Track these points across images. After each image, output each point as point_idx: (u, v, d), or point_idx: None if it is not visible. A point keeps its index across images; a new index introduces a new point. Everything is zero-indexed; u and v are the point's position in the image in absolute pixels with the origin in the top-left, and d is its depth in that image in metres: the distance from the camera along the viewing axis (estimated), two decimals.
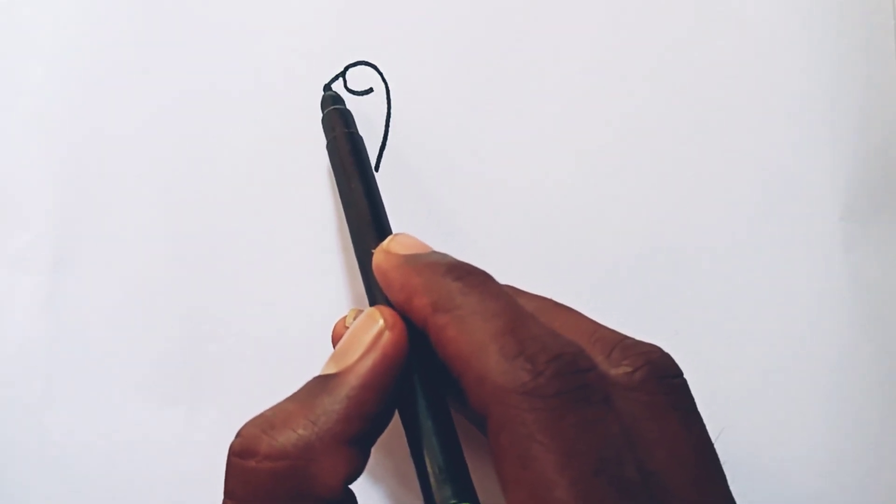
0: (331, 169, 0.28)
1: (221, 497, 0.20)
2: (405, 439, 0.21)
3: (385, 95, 0.31)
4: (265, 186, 0.30)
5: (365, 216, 0.25)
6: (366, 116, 0.31)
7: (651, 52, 0.31)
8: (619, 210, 0.30)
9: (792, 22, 0.31)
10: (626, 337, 0.21)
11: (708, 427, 0.20)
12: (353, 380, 0.20)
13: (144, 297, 0.30)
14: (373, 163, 0.30)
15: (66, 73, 0.31)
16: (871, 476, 0.29)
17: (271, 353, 0.30)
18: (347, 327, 0.23)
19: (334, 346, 0.24)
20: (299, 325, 0.30)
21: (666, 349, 0.21)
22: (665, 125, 0.31)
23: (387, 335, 0.21)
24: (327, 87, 0.31)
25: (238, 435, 0.20)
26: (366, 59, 0.31)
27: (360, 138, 0.28)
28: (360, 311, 0.24)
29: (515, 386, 0.18)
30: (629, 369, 0.19)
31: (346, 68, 0.31)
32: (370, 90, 0.31)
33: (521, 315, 0.20)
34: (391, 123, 0.31)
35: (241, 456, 0.20)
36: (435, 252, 0.23)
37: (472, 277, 0.21)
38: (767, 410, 0.29)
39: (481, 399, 0.18)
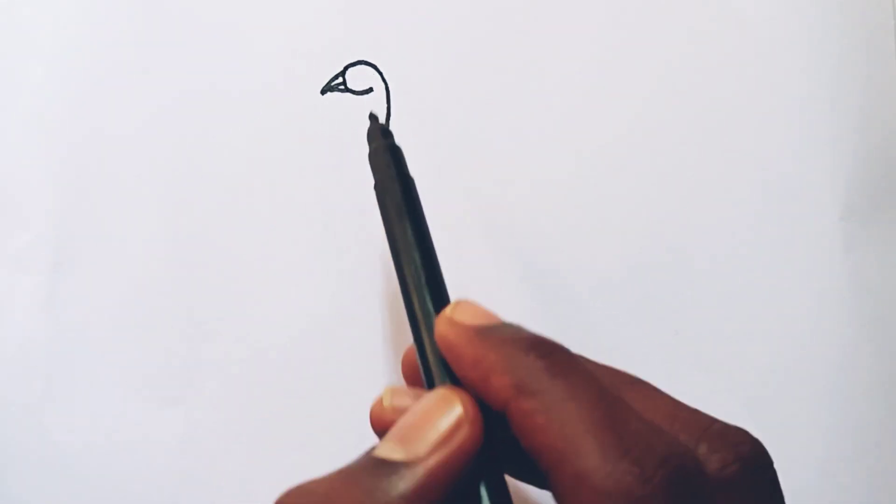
0: (330, 168, 0.28)
1: (221, 497, 0.20)
2: None
3: (385, 95, 0.31)
4: (265, 186, 0.30)
5: (420, 274, 0.22)
6: (366, 116, 0.31)
7: (651, 53, 0.31)
8: (619, 209, 0.30)
9: (792, 22, 0.31)
10: (710, 420, 0.19)
11: None
12: (423, 474, 0.18)
13: (144, 297, 0.30)
14: None
15: (66, 73, 0.31)
16: (871, 476, 0.29)
17: (271, 354, 0.30)
18: (387, 408, 0.21)
19: (374, 427, 0.22)
20: (299, 325, 0.30)
21: (665, 349, 0.20)
22: (665, 125, 0.30)
23: (466, 429, 0.19)
24: (325, 90, 0.30)
25: None
26: (366, 59, 0.31)
27: (412, 181, 0.25)
28: (396, 390, 0.22)
29: (621, 491, 0.16)
30: (720, 465, 0.18)
31: (346, 68, 0.31)
32: (370, 90, 0.31)
33: (617, 405, 0.18)
34: (391, 123, 0.31)
35: None
36: (508, 324, 0.20)
37: (557, 356, 0.19)
38: (767, 410, 0.29)
39: (578, 499, 0.17)
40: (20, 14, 0.31)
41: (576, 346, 0.29)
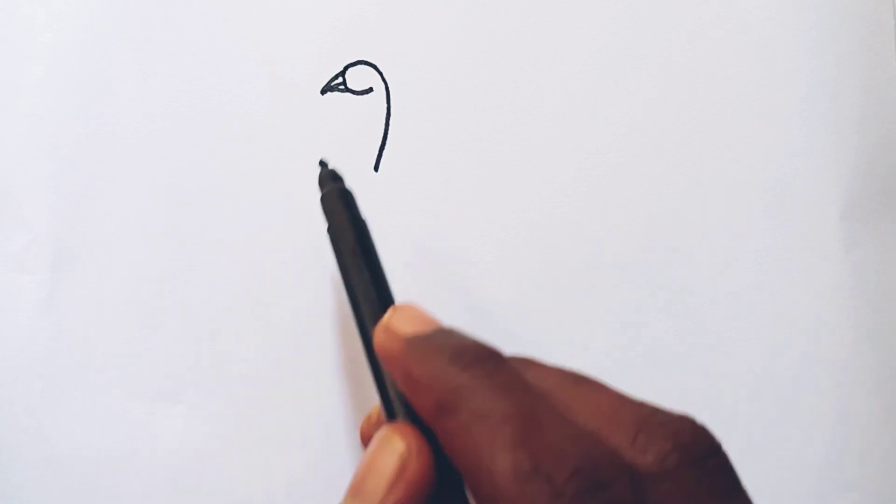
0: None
1: (221, 496, 0.20)
2: None
3: (385, 95, 0.31)
4: (265, 186, 0.30)
5: (373, 308, 0.23)
6: (366, 116, 0.31)
7: (651, 53, 0.31)
8: (619, 209, 0.30)
9: (792, 22, 0.31)
10: (652, 412, 0.18)
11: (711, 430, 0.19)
12: None
13: (144, 296, 0.30)
14: (372, 163, 0.30)
15: (66, 73, 0.31)
16: (871, 476, 0.29)
17: (271, 353, 0.30)
18: (375, 424, 0.20)
19: (363, 445, 0.22)
20: (299, 324, 0.30)
21: (665, 349, 0.20)
22: (665, 126, 0.30)
23: (413, 464, 0.18)
24: (325, 90, 0.30)
25: None
26: (366, 59, 0.31)
27: (364, 223, 0.25)
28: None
29: (521, 495, 0.16)
30: (657, 456, 0.17)
31: (346, 68, 0.31)
32: (370, 90, 0.31)
33: (534, 413, 0.17)
34: (391, 123, 0.31)
35: None
36: (441, 330, 0.20)
37: (479, 366, 0.18)
38: (767, 410, 0.29)
39: None
40: (20, 14, 0.31)
41: (576, 345, 0.30)
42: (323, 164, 0.27)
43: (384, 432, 0.19)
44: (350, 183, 0.29)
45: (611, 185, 0.30)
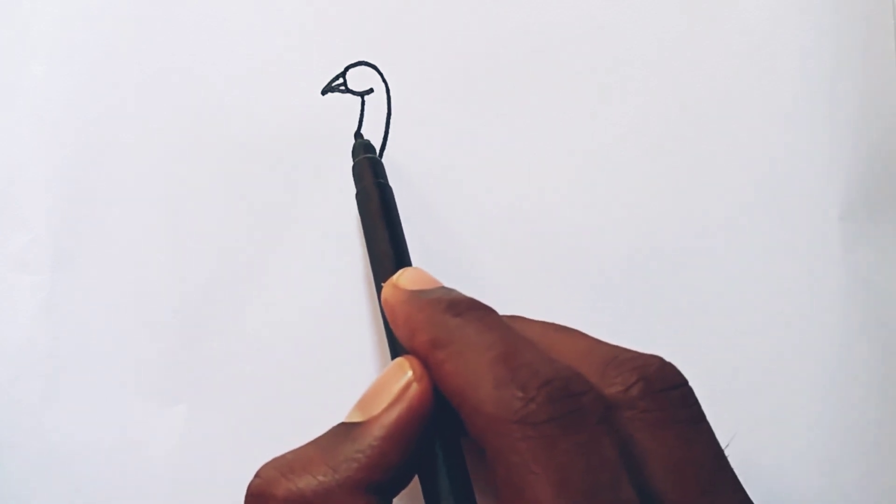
0: (330, 168, 0.28)
1: (221, 497, 0.20)
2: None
3: (385, 95, 0.31)
4: (265, 185, 0.30)
5: (389, 266, 0.25)
6: (366, 116, 0.31)
7: (651, 53, 0.31)
8: (617, 209, 0.30)
9: (791, 22, 0.31)
10: (622, 351, 0.20)
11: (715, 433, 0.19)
12: (378, 430, 0.20)
13: (144, 296, 0.30)
14: None
15: (66, 73, 0.31)
16: (871, 476, 0.29)
17: (271, 353, 0.30)
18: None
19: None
20: (299, 324, 0.30)
21: (665, 350, 0.20)
22: (665, 125, 0.31)
23: (414, 387, 0.20)
24: (325, 90, 0.31)
25: (256, 476, 0.20)
26: (366, 59, 0.31)
27: (390, 189, 0.28)
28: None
29: (507, 414, 0.17)
30: (623, 386, 0.19)
31: (347, 68, 0.31)
32: (370, 90, 0.31)
33: (516, 343, 0.19)
34: (391, 123, 0.31)
35: (259, 498, 0.20)
36: (442, 288, 0.23)
37: (471, 312, 0.21)
38: (766, 410, 0.29)
39: (477, 431, 0.18)
40: (20, 14, 0.31)
41: None
42: (358, 134, 0.30)
43: (398, 360, 0.21)
44: (350, 182, 0.29)
45: (610, 185, 0.30)
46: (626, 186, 0.30)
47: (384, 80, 0.31)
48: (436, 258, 0.30)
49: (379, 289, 0.25)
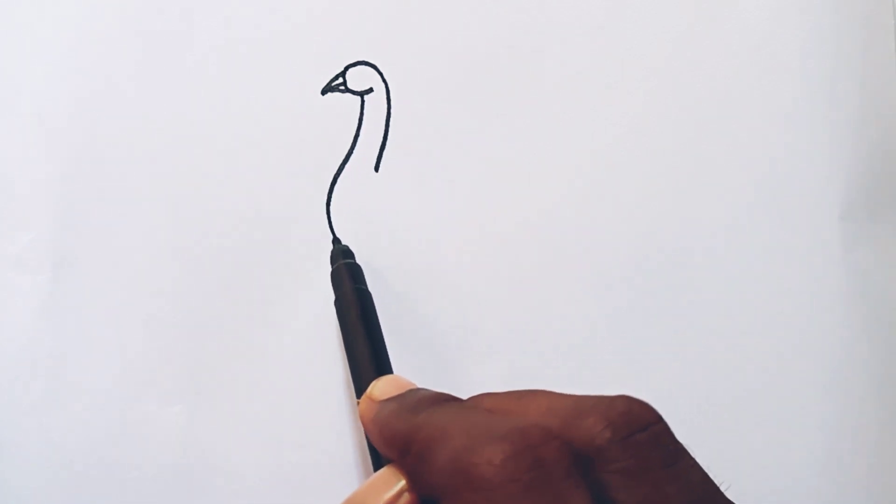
0: (330, 168, 0.28)
1: (221, 496, 0.20)
2: None
3: (385, 95, 0.31)
4: (266, 186, 0.30)
5: (368, 379, 0.25)
6: (366, 116, 0.31)
7: (651, 53, 0.31)
8: (617, 209, 0.30)
9: (791, 22, 0.31)
10: (585, 399, 0.19)
11: (713, 434, 0.19)
12: None
13: (145, 296, 0.30)
14: (373, 163, 0.30)
15: (66, 74, 0.31)
16: (871, 476, 0.29)
17: (272, 353, 0.30)
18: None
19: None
20: (300, 324, 0.30)
21: (665, 350, 0.20)
22: (665, 126, 0.31)
23: (406, 497, 0.19)
24: (325, 90, 0.31)
25: None
26: (366, 59, 0.31)
27: (370, 295, 0.27)
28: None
29: (466, 487, 0.16)
30: (589, 436, 0.17)
31: (347, 68, 0.31)
32: (370, 90, 0.31)
33: (474, 418, 0.18)
34: (391, 123, 0.31)
35: None
36: (411, 391, 0.22)
37: (433, 407, 0.20)
38: (766, 410, 0.29)
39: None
40: (20, 14, 0.31)
41: (576, 346, 0.30)
42: (336, 241, 0.30)
43: (391, 468, 0.20)
44: (350, 183, 0.29)
45: (610, 185, 0.30)
46: (626, 186, 0.30)
47: (384, 80, 0.31)
48: (434, 259, 0.30)
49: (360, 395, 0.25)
